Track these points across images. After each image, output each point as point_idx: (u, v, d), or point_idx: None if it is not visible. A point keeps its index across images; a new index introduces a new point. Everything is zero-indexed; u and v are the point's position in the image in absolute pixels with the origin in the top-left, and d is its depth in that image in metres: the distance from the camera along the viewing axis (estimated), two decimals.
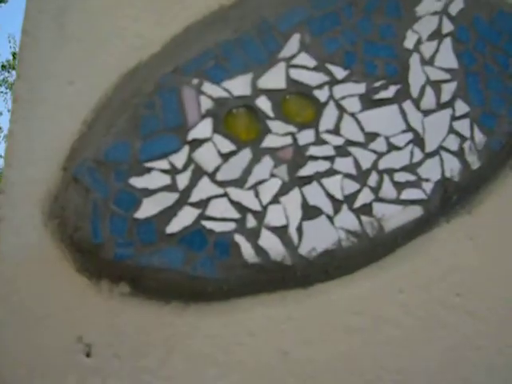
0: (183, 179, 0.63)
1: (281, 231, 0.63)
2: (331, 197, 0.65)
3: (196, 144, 0.64)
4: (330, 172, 0.66)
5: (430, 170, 0.68)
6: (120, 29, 0.70)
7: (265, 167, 0.65)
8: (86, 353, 0.62)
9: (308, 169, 0.65)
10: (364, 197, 0.66)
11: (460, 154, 0.69)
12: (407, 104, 0.69)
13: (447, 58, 0.71)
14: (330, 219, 0.64)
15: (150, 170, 0.63)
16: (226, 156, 0.64)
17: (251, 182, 0.64)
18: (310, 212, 0.64)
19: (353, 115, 0.68)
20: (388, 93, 0.69)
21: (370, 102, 0.68)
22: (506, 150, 0.71)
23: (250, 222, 0.63)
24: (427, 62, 0.71)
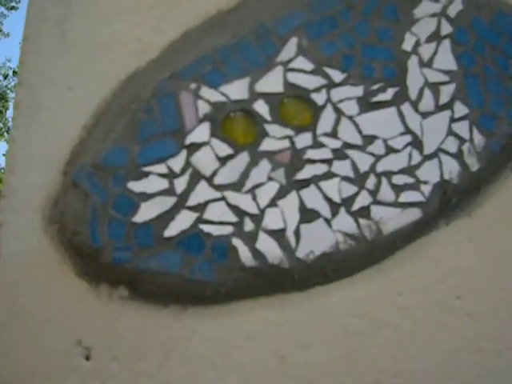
0: (181, 183, 0.64)
1: (278, 234, 0.63)
2: (329, 200, 0.65)
3: (194, 148, 0.65)
4: (328, 175, 0.65)
5: (429, 173, 0.67)
6: (120, 35, 0.71)
7: (262, 171, 0.65)
8: (86, 356, 0.63)
9: (305, 172, 0.65)
10: (362, 200, 0.66)
11: (459, 156, 0.68)
12: (405, 106, 0.69)
13: (446, 60, 0.71)
14: (328, 222, 0.64)
15: (148, 175, 0.63)
16: (224, 160, 0.65)
17: (249, 186, 0.64)
18: (308, 215, 0.64)
19: (350, 118, 0.68)
20: (386, 95, 0.69)
21: (368, 105, 0.68)
22: (506, 152, 0.70)
23: (248, 226, 0.63)
24: (426, 64, 0.71)
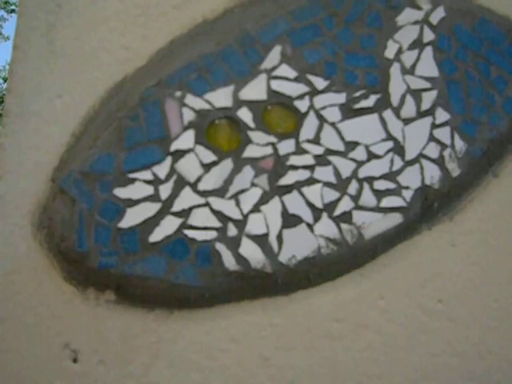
0: (166, 189, 0.65)
1: (261, 239, 0.65)
2: (311, 205, 0.66)
3: (178, 155, 0.66)
4: (310, 181, 0.67)
5: (410, 178, 0.68)
6: (107, 43, 0.72)
7: (246, 177, 0.66)
8: (73, 359, 0.64)
9: (288, 178, 0.66)
10: (344, 205, 0.67)
11: (440, 162, 0.70)
12: (387, 113, 0.70)
13: (428, 67, 0.72)
14: (310, 227, 0.66)
15: (134, 181, 0.65)
16: (208, 166, 0.66)
17: (232, 192, 0.65)
18: (290, 220, 0.66)
19: (333, 125, 0.69)
20: (368, 102, 0.70)
21: (351, 112, 0.69)
22: (487, 157, 0.71)
23: (231, 231, 0.64)
24: (408, 71, 0.72)
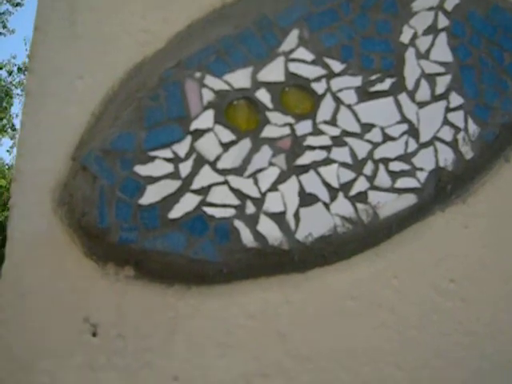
0: (185, 167, 0.66)
1: (278, 217, 0.66)
2: (327, 185, 0.67)
3: (198, 134, 0.67)
4: (327, 161, 0.68)
5: (425, 160, 0.70)
6: (127, 25, 0.74)
7: (264, 156, 0.67)
8: (93, 332, 0.65)
9: (305, 158, 0.68)
10: (359, 185, 0.68)
11: (454, 145, 0.71)
12: (402, 96, 0.71)
13: (442, 52, 0.73)
14: (326, 206, 0.67)
15: (154, 159, 0.66)
16: (227, 145, 0.67)
17: (250, 171, 0.67)
18: (307, 199, 0.67)
19: (349, 107, 0.70)
20: (384, 85, 0.71)
21: (366, 95, 0.71)
22: (500, 141, 0.73)
23: (249, 209, 0.66)
24: (422, 56, 0.73)
